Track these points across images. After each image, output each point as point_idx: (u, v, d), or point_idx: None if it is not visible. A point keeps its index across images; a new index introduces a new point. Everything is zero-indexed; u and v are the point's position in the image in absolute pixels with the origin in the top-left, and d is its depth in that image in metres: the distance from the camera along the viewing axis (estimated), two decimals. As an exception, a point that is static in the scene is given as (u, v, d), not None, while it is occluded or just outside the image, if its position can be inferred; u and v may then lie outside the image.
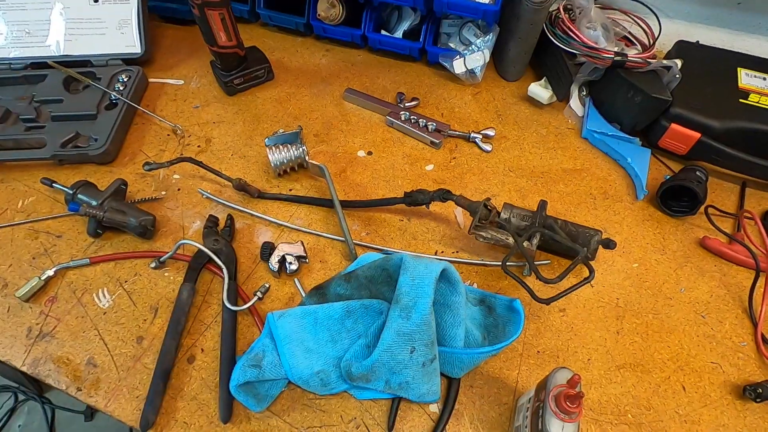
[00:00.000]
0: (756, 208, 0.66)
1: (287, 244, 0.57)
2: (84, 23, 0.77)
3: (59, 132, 0.67)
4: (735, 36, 0.82)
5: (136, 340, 0.53)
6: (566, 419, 0.37)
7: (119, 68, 0.76)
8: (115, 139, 0.68)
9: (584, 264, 0.51)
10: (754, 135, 0.64)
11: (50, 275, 0.56)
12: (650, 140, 0.71)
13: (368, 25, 0.81)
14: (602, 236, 0.56)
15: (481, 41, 0.76)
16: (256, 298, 0.54)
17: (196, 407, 0.48)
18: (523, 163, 0.71)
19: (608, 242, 0.55)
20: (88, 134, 0.68)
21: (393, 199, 0.61)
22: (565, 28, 0.72)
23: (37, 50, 0.75)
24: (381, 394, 0.49)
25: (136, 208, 0.59)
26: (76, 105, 0.70)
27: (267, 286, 0.56)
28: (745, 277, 0.60)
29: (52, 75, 0.73)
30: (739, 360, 0.54)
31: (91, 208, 0.57)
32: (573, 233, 0.56)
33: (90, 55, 0.76)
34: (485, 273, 0.59)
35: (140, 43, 0.77)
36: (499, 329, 0.52)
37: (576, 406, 0.37)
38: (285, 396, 0.49)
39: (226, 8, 0.68)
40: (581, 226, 0.57)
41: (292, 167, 0.66)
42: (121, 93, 0.72)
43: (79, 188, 0.59)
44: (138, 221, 0.57)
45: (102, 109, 0.70)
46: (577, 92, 0.77)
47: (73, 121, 0.69)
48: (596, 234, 0.56)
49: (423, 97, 0.79)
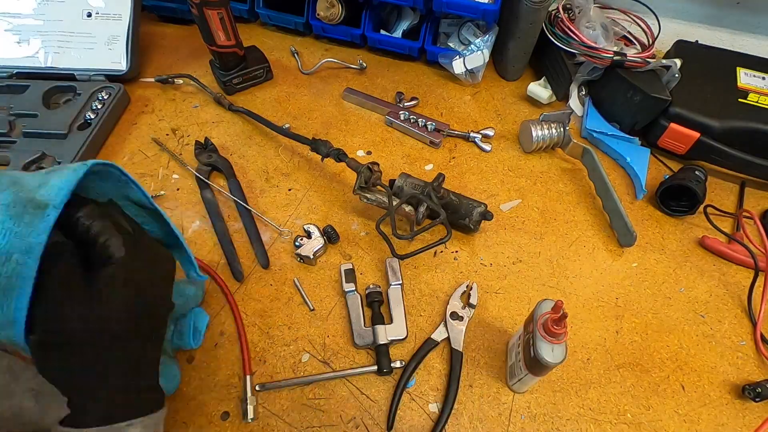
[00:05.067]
0: (755, 208, 0.66)
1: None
2: (75, 37, 0.75)
3: (27, 150, 0.63)
4: (734, 35, 0.83)
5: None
6: (555, 341, 0.42)
7: (101, 84, 0.73)
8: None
9: (443, 225, 0.56)
10: (753, 134, 0.64)
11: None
12: (649, 140, 0.71)
13: (367, 24, 0.81)
14: (486, 209, 0.60)
15: (480, 41, 0.76)
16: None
17: (196, 407, 0.48)
18: (522, 162, 0.71)
19: (485, 213, 0.59)
20: (54, 155, 0.64)
21: (302, 138, 0.65)
22: (565, 28, 0.72)
23: (23, 60, 0.74)
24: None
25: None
26: (48, 122, 0.67)
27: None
28: (744, 276, 0.60)
29: (33, 87, 0.71)
30: (738, 359, 0.54)
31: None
32: (455, 203, 0.60)
33: (75, 68, 0.74)
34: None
35: (126, 60, 0.76)
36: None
37: (562, 327, 0.41)
38: (285, 396, 0.49)
39: (225, 8, 0.67)
40: (468, 199, 0.61)
41: (550, 146, 0.69)
42: (97, 111, 0.69)
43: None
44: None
45: (74, 129, 0.67)
46: (576, 92, 0.77)
47: (43, 138, 0.66)
48: (479, 205, 0.60)
49: (422, 97, 0.79)
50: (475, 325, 0.55)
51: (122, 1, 0.76)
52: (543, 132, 0.68)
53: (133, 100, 0.76)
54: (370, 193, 0.59)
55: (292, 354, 0.52)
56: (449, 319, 0.54)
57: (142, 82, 0.79)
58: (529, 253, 0.61)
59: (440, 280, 0.58)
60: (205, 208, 0.63)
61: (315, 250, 0.58)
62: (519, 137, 0.73)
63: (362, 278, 0.58)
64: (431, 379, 0.51)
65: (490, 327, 0.55)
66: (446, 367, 0.52)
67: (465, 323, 0.54)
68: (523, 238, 0.63)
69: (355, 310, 0.54)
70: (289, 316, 0.55)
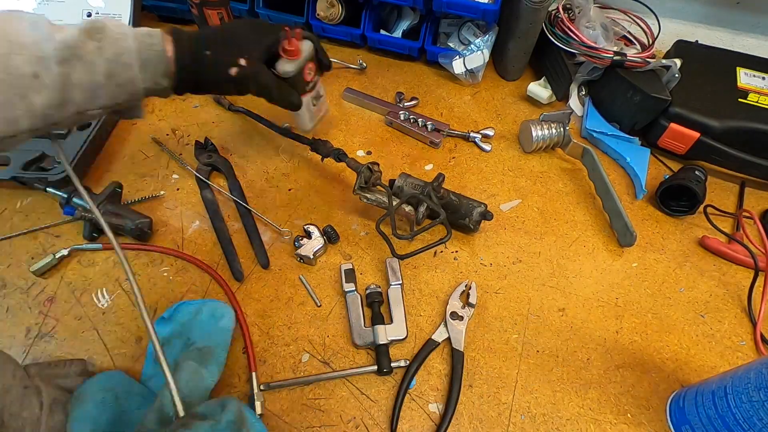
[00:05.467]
0: (755, 208, 0.66)
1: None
2: None
3: (27, 150, 0.63)
4: (734, 35, 0.83)
5: (135, 340, 0.53)
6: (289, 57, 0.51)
7: None
8: (80, 164, 0.64)
9: (443, 225, 0.56)
10: (753, 134, 0.64)
11: (65, 254, 0.57)
12: (649, 140, 0.71)
13: (367, 24, 0.80)
14: (486, 209, 0.60)
15: (480, 41, 0.76)
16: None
17: (195, 407, 0.48)
18: (522, 162, 0.71)
19: (485, 213, 0.60)
20: (53, 155, 0.63)
21: (303, 138, 0.66)
22: (565, 28, 0.72)
23: None
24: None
25: (132, 210, 0.59)
26: None
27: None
28: (744, 276, 0.60)
29: None
30: (738, 359, 0.54)
31: (87, 212, 0.56)
32: (454, 203, 0.60)
33: None
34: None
35: None
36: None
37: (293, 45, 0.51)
38: (285, 396, 0.49)
39: (225, 8, 0.68)
40: (468, 199, 0.61)
41: (550, 145, 0.69)
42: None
43: (72, 192, 0.58)
44: (134, 224, 0.57)
45: (74, 129, 0.66)
46: (576, 92, 0.77)
47: (42, 139, 0.63)
48: (479, 206, 0.60)
49: (422, 97, 0.79)
50: (475, 325, 0.55)
51: (122, 1, 0.76)
52: (543, 132, 0.68)
53: (133, 100, 0.76)
54: (370, 193, 0.59)
55: (292, 354, 0.52)
56: (449, 319, 0.54)
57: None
58: (529, 253, 0.61)
59: (440, 280, 0.58)
60: (205, 208, 0.63)
61: (315, 250, 0.58)
62: (519, 137, 0.73)
63: (362, 278, 0.58)
64: (431, 378, 0.51)
65: (490, 327, 0.55)
66: (446, 367, 0.52)
67: (465, 323, 0.54)
68: (523, 238, 0.63)
69: (355, 310, 0.54)
70: (289, 316, 0.55)
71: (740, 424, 0.40)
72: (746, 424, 0.40)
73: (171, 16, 0.88)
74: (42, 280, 0.56)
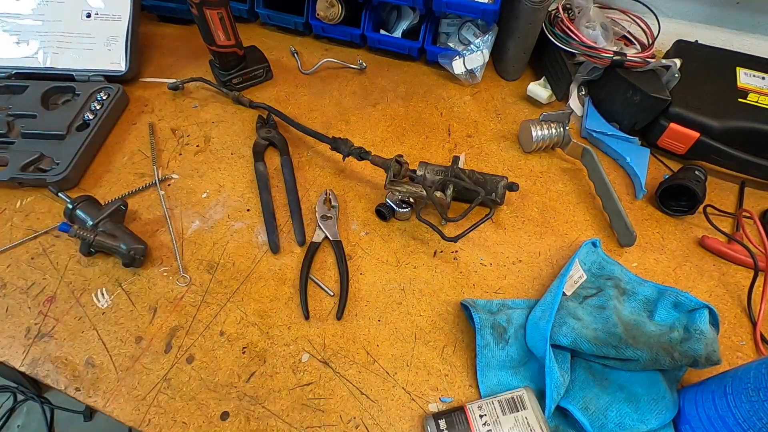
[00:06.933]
0: (755, 208, 0.66)
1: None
2: (74, 37, 0.75)
3: (25, 151, 0.64)
4: (734, 35, 0.83)
5: (135, 340, 0.53)
6: None
7: (100, 85, 0.73)
8: (78, 165, 0.64)
9: (485, 203, 0.58)
10: (753, 134, 0.64)
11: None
12: (649, 140, 0.71)
13: (367, 24, 0.81)
14: (508, 180, 0.62)
15: (480, 41, 0.76)
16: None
17: (195, 407, 0.48)
18: (522, 162, 0.71)
19: (512, 185, 0.61)
20: (52, 156, 0.64)
21: (323, 136, 0.66)
22: (564, 28, 0.72)
23: (22, 61, 0.74)
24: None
25: (130, 233, 0.57)
26: (47, 123, 0.67)
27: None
28: (743, 276, 0.60)
29: (33, 87, 0.71)
30: (738, 359, 0.54)
31: (82, 230, 0.55)
32: (480, 180, 0.62)
33: (74, 69, 0.74)
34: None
35: (125, 60, 0.75)
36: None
37: None
38: (284, 396, 0.49)
39: (225, 7, 0.68)
40: (489, 174, 0.63)
41: (549, 145, 0.70)
42: (96, 112, 0.69)
43: (80, 203, 0.57)
44: (128, 249, 0.55)
45: (72, 130, 0.67)
46: (576, 92, 0.77)
47: (41, 140, 0.66)
48: (502, 179, 0.62)
49: (422, 97, 0.79)
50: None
51: (122, 2, 0.76)
52: (543, 132, 0.68)
53: (133, 100, 0.76)
54: (400, 185, 0.60)
55: (292, 354, 0.52)
56: (320, 222, 0.61)
57: (142, 82, 0.79)
58: (529, 253, 0.61)
59: (440, 280, 0.58)
60: (256, 180, 0.66)
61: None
62: (519, 137, 0.73)
63: (362, 278, 0.58)
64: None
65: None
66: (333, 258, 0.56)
67: (334, 220, 0.62)
68: (523, 238, 0.63)
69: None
70: (289, 316, 0.55)
71: (740, 424, 0.40)
72: (746, 424, 0.40)
73: (171, 16, 0.89)
74: (42, 280, 0.56)
